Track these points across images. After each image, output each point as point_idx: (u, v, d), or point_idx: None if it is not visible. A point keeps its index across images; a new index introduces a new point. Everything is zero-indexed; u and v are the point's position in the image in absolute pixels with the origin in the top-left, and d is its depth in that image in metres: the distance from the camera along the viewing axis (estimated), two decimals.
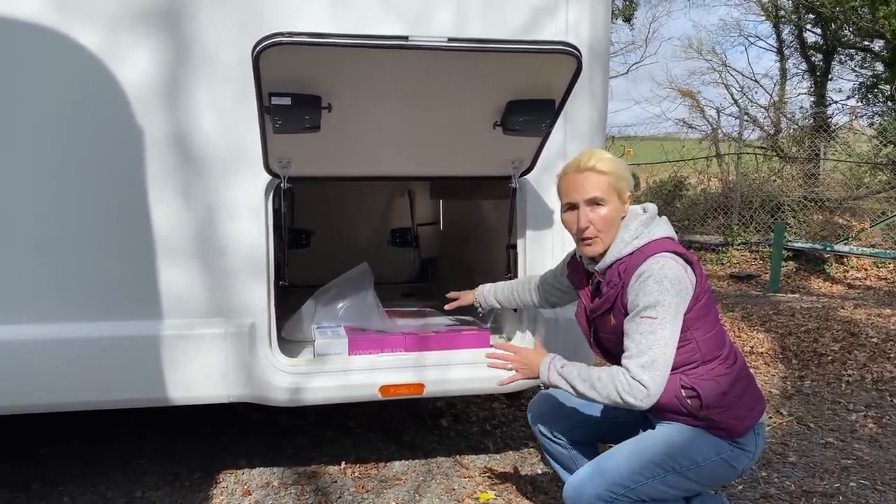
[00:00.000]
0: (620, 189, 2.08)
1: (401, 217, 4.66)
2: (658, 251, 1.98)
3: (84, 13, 2.37)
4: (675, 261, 1.96)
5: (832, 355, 4.78)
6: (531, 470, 3.10)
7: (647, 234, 2.04)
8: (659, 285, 1.92)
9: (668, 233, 2.08)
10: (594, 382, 1.97)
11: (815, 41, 15.04)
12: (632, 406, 1.91)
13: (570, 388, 2.03)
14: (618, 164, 2.10)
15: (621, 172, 2.08)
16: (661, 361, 1.90)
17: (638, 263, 1.98)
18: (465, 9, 2.62)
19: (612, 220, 2.07)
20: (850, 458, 3.27)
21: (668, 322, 1.91)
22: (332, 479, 2.98)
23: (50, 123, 2.39)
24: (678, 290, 1.93)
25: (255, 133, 2.35)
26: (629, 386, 1.90)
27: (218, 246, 2.52)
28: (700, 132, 14.12)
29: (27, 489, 2.88)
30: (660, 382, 1.90)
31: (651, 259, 1.97)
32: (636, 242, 2.03)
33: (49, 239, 2.42)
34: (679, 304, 1.94)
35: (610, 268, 2.07)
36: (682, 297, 1.95)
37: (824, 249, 7.96)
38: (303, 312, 2.99)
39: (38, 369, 2.42)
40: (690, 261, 2.02)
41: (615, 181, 2.06)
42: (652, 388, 1.89)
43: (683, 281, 1.95)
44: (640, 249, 2.02)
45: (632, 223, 2.07)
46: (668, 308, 1.91)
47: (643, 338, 1.91)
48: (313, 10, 2.50)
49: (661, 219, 2.12)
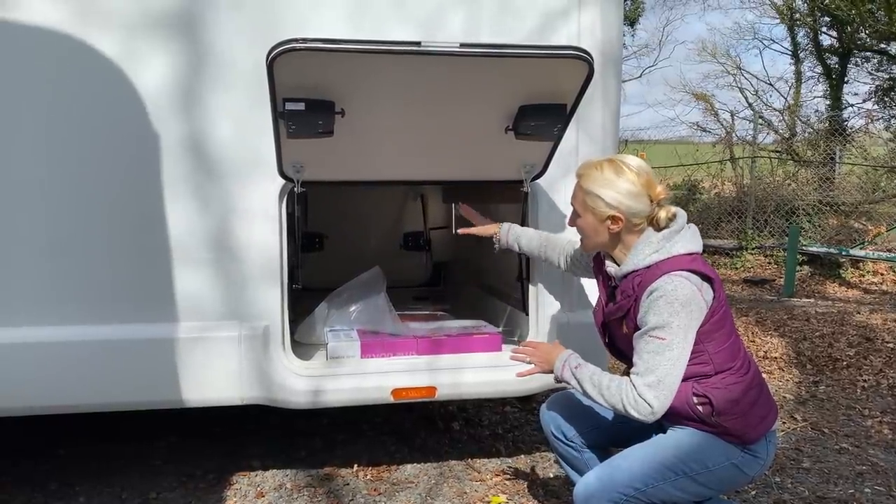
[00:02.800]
0: (594, 209, 2.05)
1: (413, 221, 4.68)
2: (674, 269, 1.95)
3: (101, 20, 2.40)
4: (689, 280, 1.94)
5: (847, 360, 4.74)
6: (543, 473, 3.10)
7: (666, 248, 2.00)
8: (669, 306, 1.91)
9: (691, 248, 2.01)
10: (603, 390, 2.00)
11: (830, 44, 14.96)
12: (636, 420, 1.94)
13: (579, 388, 2.07)
14: (604, 184, 2.02)
15: (602, 194, 2.02)
16: (668, 381, 1.92)
17: (652, 279, 1.96)
18: (478, 14, 2.63)
19: (589, 232, 2.11)
20: (864, 463, 3.24)
21: (675, 344, 1.91)
22: (345, 482, 3.00)
23: (68, 129, 2.43)
24: (689, 311, 1.92)
25: (270, 138, 2.37)
26: (635, 402, 1.92)
27: (232, 249, 2.54)
28: (714, 136, 14.08)
29: (45, 488, 2.92)
30: (664, 401, 1.93)
31: (665, 277, 1.94)
32: (654, 257, 2.00)
33: (66, 243, 2.46)
34: (689, 326, 1.93)
35: (626, 277, 2.06)
36: (693, 318, 1.94)
37: (840, 253, 7.90)
38: (316, 315, 3.01)
39: (55, 371, 2.46)
40: (710, 278, 1.98)
41: (590, 200, 2.05)
42: (656, 407, 1.91)
43: (696, 302, 1.93)
44: (656, 265, 1.99)
45: (654, 236, 2.03)
46: (678, 330, 1.91)
47: (651, 357, 1.93)
48: (327, 16, 2.52)
49: (688, 231, 2.05)
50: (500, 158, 2.65)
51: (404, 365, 2.70)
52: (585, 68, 2.23)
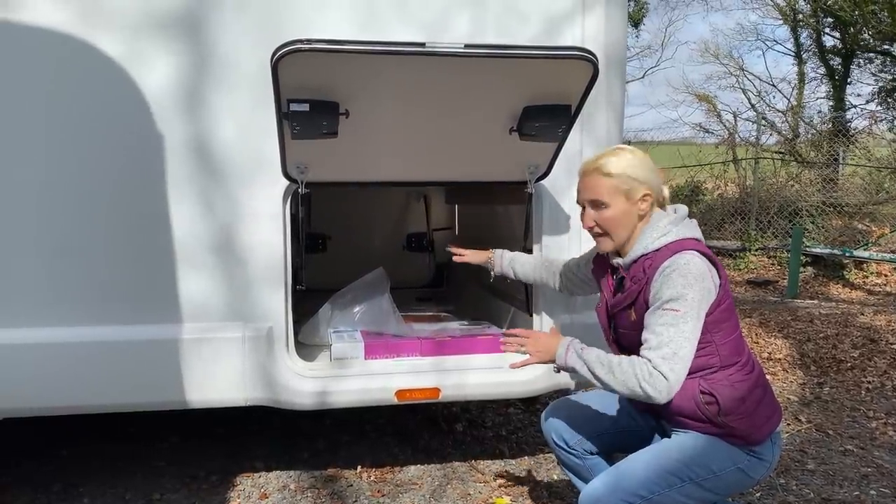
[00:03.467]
0: (629, 190, 2.05)
1: (417, 222, 4.68)
2: (685, 248, 1.98)
3: (106, 22, 2.40)
4: (701, 259, 1.96)
5: (851, 362, 4.73)
6: (547, 475, 3.09)
7: (675, 231, 2.03)
8: (684, 279, 1.90)
9: (697, 234, 2.06)
10: (614, 368, 1.93)
11: (833, 45, 14.95)
12: (650, 397, 1.88)
13: (588, 372, 1.98)
14: (629, 163, 2.06)
15: (631, 173, 2.04)
16: (682, 354, 1.88)
17: (664, 258, 1.97)
18: (483, 15, 2.63)
19: (618, 222, 2.06)
20: (869, 465, 3.23)
21: (690, 317, 1.89)
22: (349, 483, 3.00)
23: (73, 130, 2.43)
24: (702, 286, 1.91)
25: (274, 139, 2.37)
26: (650, 376, 1.86)
27: (236, 250, 2.54)
28: (717, 137, 14.07)
29: (48, 489, 2.92)
30: (680, 375, 1.88)
31: (677, 255, 1.96)
32: (664, 239, 2.02)
33: (70, 244, 2.46)
34: (702, 301, 1.91)
35: (635, 263, 2.06)
36: (705, 295, 1.93)
37: (843, 255, 7.88)
38: (319, 317, 3.01)
39: (59, 372, 2.46)
40: (715, 263, 2.01)
41: (621, 183, 2.04)
42: (672, 380, 1.86)
43: (707, 279, 1.94)
44: (666, 246, 2.00)
45: (662, 220, 2.05)
46: (692, 303, 1.89)
47: (665, 329, 1.89)
48: (332, 17, 2.52)
49: (692, 221, 2.11)
50: (505, 159, 2.65)
51: (408, 366, 2.70)
52: (590, 69, 2.22)
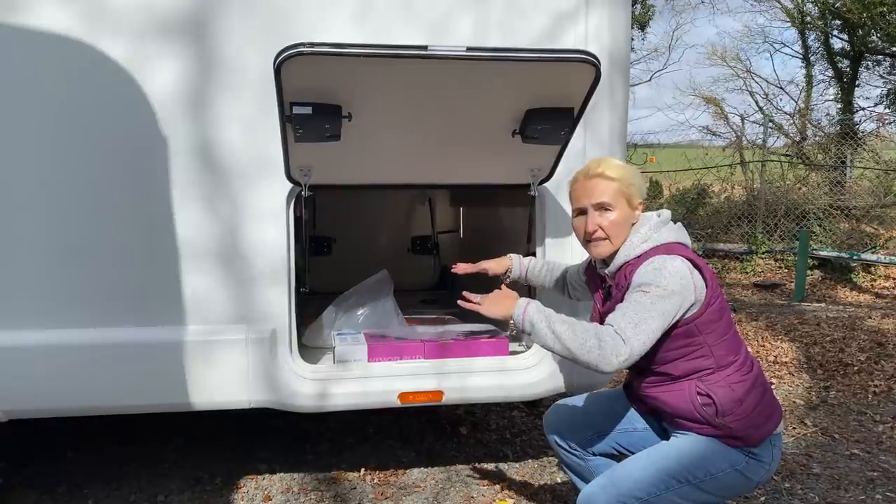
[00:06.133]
0: (630, 195, 2.10)
1: (421, 225, 4.68)
2: (665, 252, 2.00)
3: (111, 25, 2.42)
4: (681, 260, 1.97)
5: (858, 365, 4.71)
6: (550, 478, 3.09)
7: (655, 238, 2.06)
8: (657, 271, 1.93)
9: (679, 238, 2.09)
10: (575, 326, 1.89)
11: (841, 47, 14.89)
12: (606, 363, 1.81)
13: (547, 327, 1.90)
14: (627, 170, 2.14)
15: (630, 179, 2.11)
16: (646, 327, 1.84)
17: (643, 263, 2.00)
18: (486, 17, 2.63)
19: (621, 225, 2.09)
20: (875, 469, 3.21)
21: (659, 300, 1.88)
22: (352, 486, 3.00)
23: (78, 133, 2.44)
24: (679, 280, 1.92)
25: (278, 142, 2.38)
26: (612, 339, 1.82)
27: (240, 253, 2.55)
28: (724, 139, 14.03)
29: (53, 491, 2.93)
30: (641, 345, 1.84)
31: (656, 256, 1.99)
32: (644, 246, 2.05)
33: (75, 246, 2.47)
34: (674, 294, 1.89)
35: (619, 270, 2.09)
36: (680, 289, 1.91)
37: (851, 258, 7.84)
38: (323, 319, 3.01)
39: (63, 374, 2.47)
40: (698, 265, 2.01)
41: (624, 187, 2.09)
42: (632, 347, 1.82)
43: (685, 277, 1.94)
44: (646, 253, 2.04)
45: (643, 227, 2.09)
46: (664, 290, 1.89)
47: (630, 305, 1.90)
48: (335, 20, 2.53)
49: (675, 225, 2.13)
50: (508, 162, 2.65)
51: (411, 369, 2.69)
52: (592, 72, 2.23)
